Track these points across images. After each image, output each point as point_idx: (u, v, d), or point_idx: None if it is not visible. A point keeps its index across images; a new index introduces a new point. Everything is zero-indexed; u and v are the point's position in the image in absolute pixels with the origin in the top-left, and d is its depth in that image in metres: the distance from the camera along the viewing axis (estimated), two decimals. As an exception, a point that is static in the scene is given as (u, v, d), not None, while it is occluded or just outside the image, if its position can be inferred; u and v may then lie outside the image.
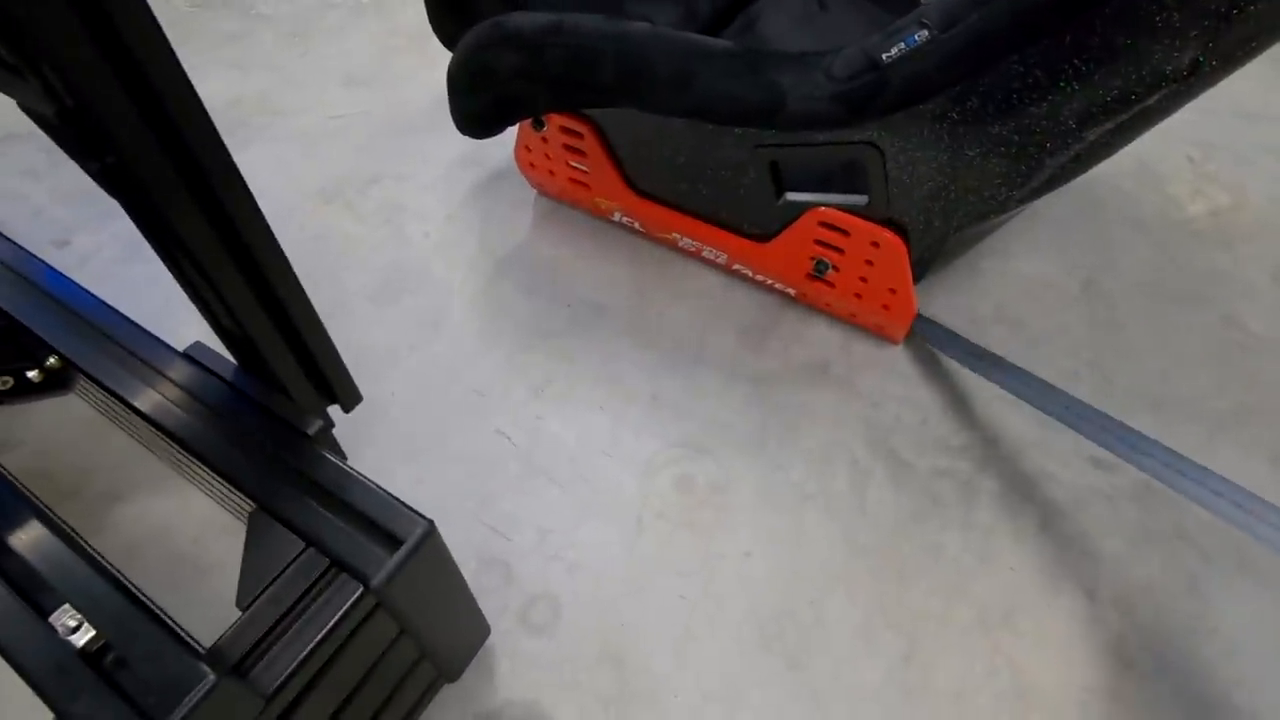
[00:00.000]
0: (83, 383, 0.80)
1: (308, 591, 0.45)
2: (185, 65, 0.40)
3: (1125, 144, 0.65)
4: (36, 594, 0.39)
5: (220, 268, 0.46)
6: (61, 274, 0.66)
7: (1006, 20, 0.55)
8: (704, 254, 0.96)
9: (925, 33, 0.58)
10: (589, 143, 0.91)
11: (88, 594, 0.39)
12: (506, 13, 0.81)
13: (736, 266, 0.94)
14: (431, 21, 0.93)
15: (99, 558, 0.42)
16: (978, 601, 0.69)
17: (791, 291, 0.92)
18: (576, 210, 1.06)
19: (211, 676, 0.36)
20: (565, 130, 0.92)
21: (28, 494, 0.46)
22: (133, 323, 0.60)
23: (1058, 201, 1.00)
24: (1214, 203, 1.05)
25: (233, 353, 0.56)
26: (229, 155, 0.43)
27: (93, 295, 0.63)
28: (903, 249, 0.76)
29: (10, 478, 0.47)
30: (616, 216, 1.00)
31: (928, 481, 0.77)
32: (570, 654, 0.66)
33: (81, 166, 0.43)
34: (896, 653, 0.66)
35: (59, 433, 0.82)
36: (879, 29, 1.09)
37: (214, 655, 0.38)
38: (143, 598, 0.40)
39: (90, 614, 0.38)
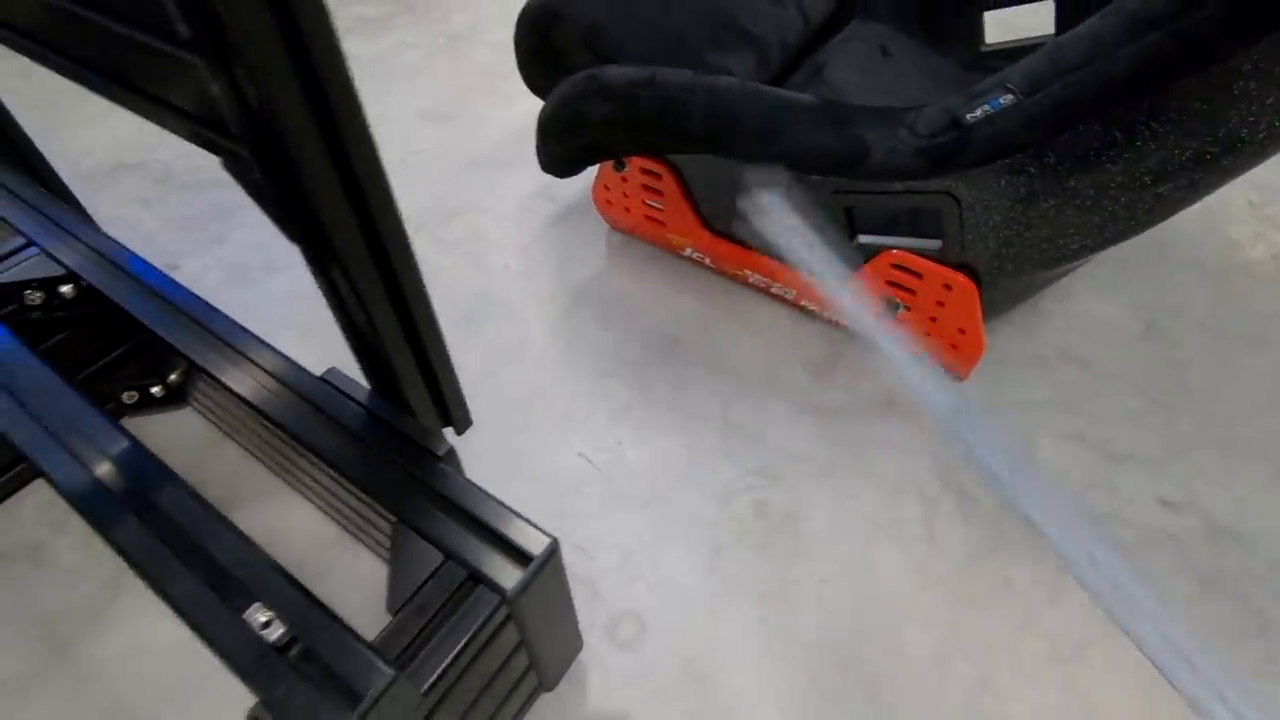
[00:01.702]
0: (200, 398, 0.87)
1: (449, 600, 0.49)
2: None
3: (1199, 199, 0.68)
4: (230, 592, 0.45)
5: (377, 301, 0.52)
6: (201, 298, 0.72)
7: (1089, 90, 0.59)
8: (773, 290, 1.00)
9: (1009, 97, 0.63)
10: (667, 184, 0.97)
11: (273, 592, 0.44)
12: (599, 66, 0.87)
13: (805, 303, 0.98)
14: (522, 72, 1.00)
15: (274, 560, 0.47)
16: (1049, 634, 0.71)
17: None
18: (647, 245, 1.11)
19: (390, 671, 0.41)
20: (645, 172, 0.98)
21: (211, 503, 0.51)
22: (273, 348, 0.66)
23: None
24: (1275, 246, 1.06)
25: (369, 377, 0.61)
26: (395, 202, 0.49)
27: (235, 322, 0.69)
28: (974, 292, 0.80)
29: (195, 489, 0.52)
30: (687, 252, 1.05)
31: (995, 516, 0.80)
32: (655, 670, 0.70)
33: (273, 219, 0.49)
34: (971, 681, 0.69)
35: (176, 444, 0.89)
36: (940, 77, 1.14)
37: (383, 653, 0.43)
38: (317, 598, 0.45)
39: (278, 611, 0.43)
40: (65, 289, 0.75)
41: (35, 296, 0.74)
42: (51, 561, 0.78)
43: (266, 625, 0.43)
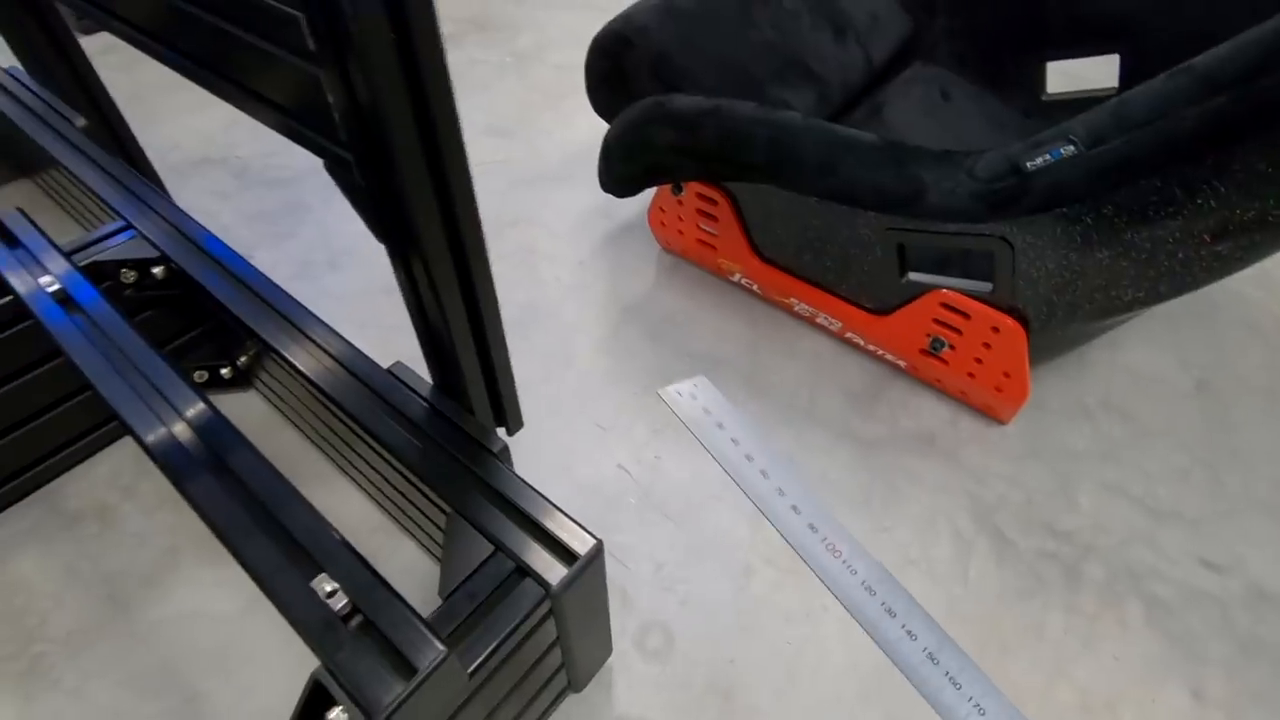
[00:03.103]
0: (265, 382, 0.92)
1: (497, 590, 0.52)
2: None
3: (1259, 260, 0.68)
4: (300, 561, 0.48)
5: (452, 300, 0.55)
6: (280, 288, 0.77)
7: (1153, 146, 0.60)
8: (818, 320, 1.02)
9: (1071, 148, 0.64)
10: (722, 210, 1.00)
11: (339, 565, 0.47)
12: (666, 94, 0.91)
13: (849, 335, 1.00)
14: (591, 94, 1.04)
15: (340, 534, 0.50)
16: (1080, 685, 0.71)
17: (902, 363, 0.96)
18: (697, 268, 1.14)
19: (443, 648, 0.43)
20: (702, 197, 1.01)
21: (283, 476, 0.54)
22: (344, 339, 0.70)
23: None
24: (1336, 315, 1.05)
25: (433, 373, 0.65)
26: (478, 210, 0.52)
27: (311, 312, 0.73)
28: (1023, 336, 0.80)
29: (267, 461, 0.56)
30: (736, 277, 1.08)
31: (1031, 561, 0.80)
32: (681, 682, 0.71)
33: (365, 218, 0.53)
34: (997, 724, 0.68)
35: (240, 423, 0.94)
36: (999, 123, 1.16)
37: (437, 631, 0.45)
38: (379, 574, 0.48)
39: (342, 582, 0.46)
40: (156, 270, 0.80)
41: (129, 275, 0.79)
42: (118, 525, 0.83)
43: (331, 595, 0.46)
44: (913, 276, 0.86)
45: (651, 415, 0.94)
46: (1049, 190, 0.67)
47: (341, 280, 1.16)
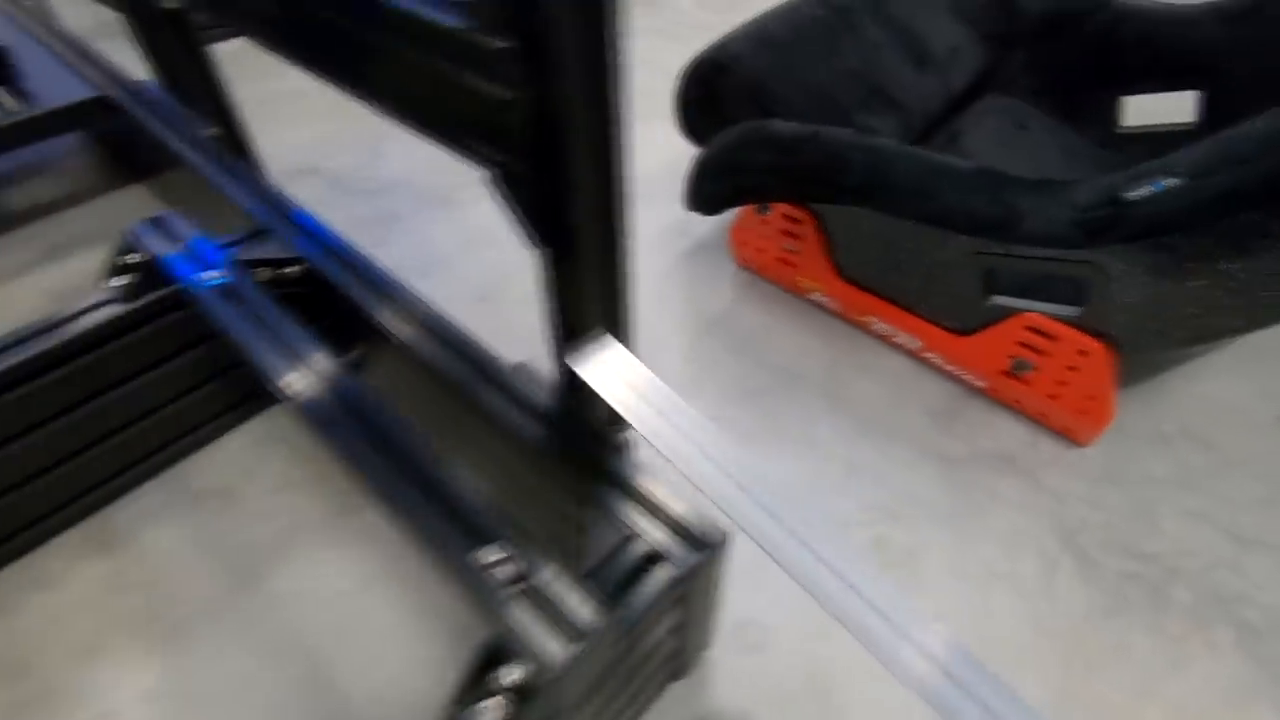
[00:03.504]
0: (377, 374, 0.97)
1: (635, 571, 0.56)
2: None
3: (1356, 294, 0.70)
4: (464, 530, 0.52)
5: (593, 301, 0.60)
6: (407, 287, 0.83)
7: (1257, 182, 0.63)
8: (896, 339, 1.05)
9: (1173, 180, 0.67)
10: (806, 230, 1.04)
11: (502, 535, 0.52)
12: (761, 119, 0.96)
13: (928, 354, 1.03)
14: (682, 117, 1.10)
15: (501, 505, 0.54)
16: (1167, 704, 0.72)
17: (981, 384, 0.99)
18: (772, 285, 1.18)
19: (604, 616, 0.47)
20: (787, 217, 1.05)
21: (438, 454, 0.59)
22: (470, 337, 0.75)
23: (1251, 332, 1.04)
24: None
25: (561, 371, 0.69)
26: (628, 221, 0.57)
27: (440, 311, 0.79)
28: (1111, 361, 0.83)
29: (426, 437, 0.61)
30: (814, 295, 1.12)
31: (1116, 582, 0.81)
32: (778, 675, 0.74)
33: (525, 226, 0.58)
34: (1087, 736, 0.70)
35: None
36: (1075, 153, 1.18)
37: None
38: (539, 545, 0.52)
39: (506, 551, 0.51)
40: (291, 269, 0.86)
41: (266, 273, 0.86)
42: (240, 504, 0.89)
43: (497, 564, 0.50)
44: (998, 300, 0.90)
45: (737, 425, 0.98)
46: (1148, 220, 0.70)
47: (432, 287, 1.22)
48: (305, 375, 0.66)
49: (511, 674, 0.46)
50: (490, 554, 0.50)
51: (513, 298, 1.20)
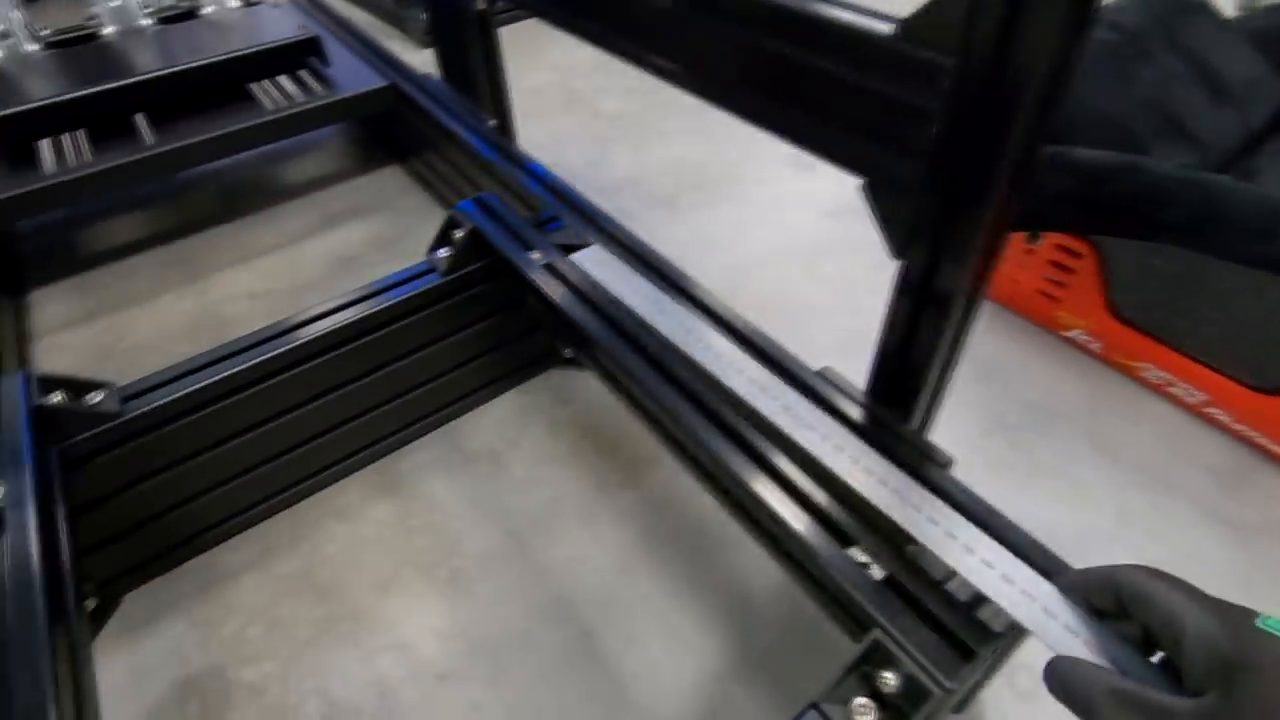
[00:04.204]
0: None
1: (978, 597, 0.54)
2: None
3: None
4: (830, 530, 0.53)
5: (946, 316, 0.59)
6: (700, 284, 0.85)
7: None
8: (1171, 389, 0.97)
9: None
10: (1085, 264, 0.98)
11: (868, 538, 0.52)
12: (1054, 145, 0.91)
13: (1210, 409, 0.94)
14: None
15: (873, 505, 0.55)
16: None
17: (1278, 448, 0.90)
18: (1018, 316, 1.13)
19: (997, 631, 0.47)
20: (1061, 248, 1.00)
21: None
22: (772, 339, 0.77)
23: None
24: None
25: (875, 382, 0.70)
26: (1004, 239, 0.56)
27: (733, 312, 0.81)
28: None
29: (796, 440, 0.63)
30: (1073, 333, 1.06)
31: None
32: (1055, 729, 0.70)
33: (889, 238, 0.58)
34: None
35: (600, 398, 1.05)
36: None
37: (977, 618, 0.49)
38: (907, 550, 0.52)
39: (875, 555, 0.51)
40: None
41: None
42: (505, 470, 0.95)
43: (868, 566, 0.51)
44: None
45: (989, 456, 0.94)
46: None
47: (661, 284, 1.26)
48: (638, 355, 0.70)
49: (890, 681, 0.46)
50: (857, 554, 0.51)
51: (742, 304, 1.21)
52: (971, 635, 0.47)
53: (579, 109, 1.78)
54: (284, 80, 1.35)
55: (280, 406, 0.83)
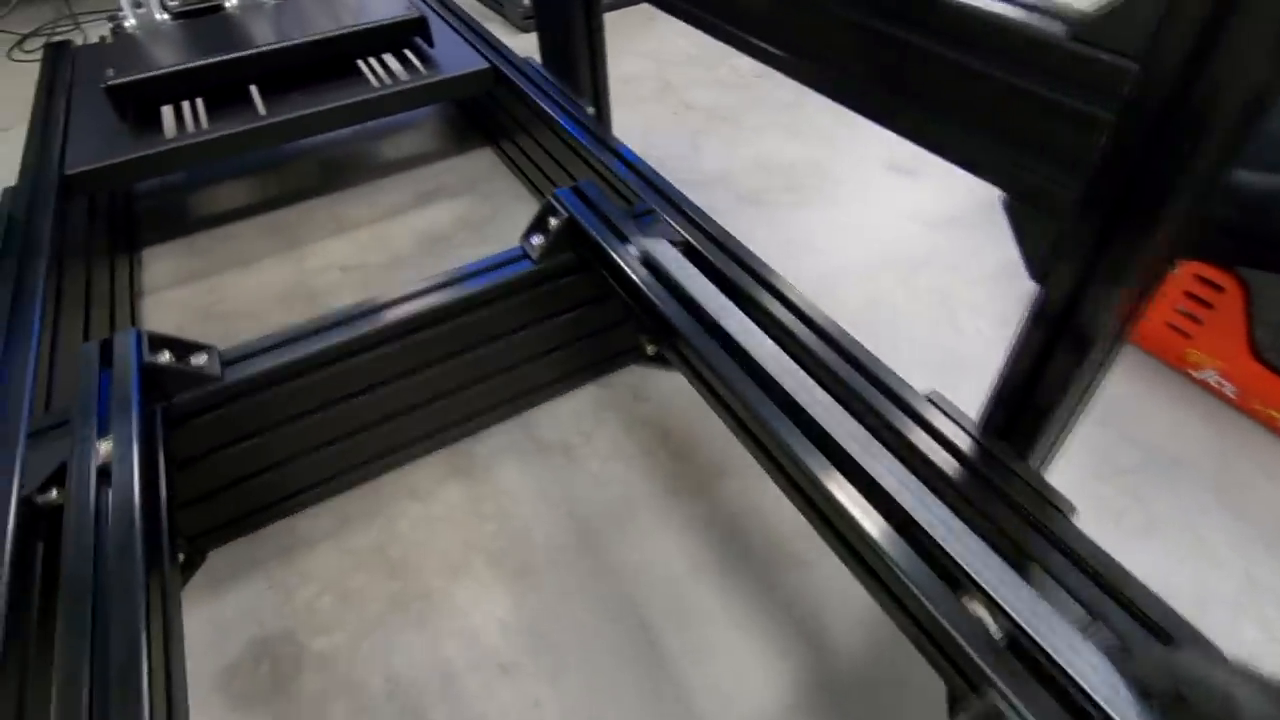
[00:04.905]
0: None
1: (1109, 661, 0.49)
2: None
3: None
4: (944, 573, 0.49)
5: (1085, 353, 0.53)
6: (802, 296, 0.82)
7: None
8: (1318, 444, 0.87)
9: None
10: (1228, 300, 0.89)
11: (990, 581, 0.48)
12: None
13: (1365, 472, 0.84)
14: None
15: (990, 544, 0.50)
16: None
17: None
18: (1140, 351, 1.03)
19: (1136, 703, 0.41)
20: (1200, 280, 0.91)
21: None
22: (874, 355, 0.72)
23: None
24: None
25: (993, 412, 0.64)
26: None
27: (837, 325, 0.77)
28: None
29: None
30: (1205, 374, 0.96)
31: None
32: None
33: (1027, 257, 0.53)
34: None
35: (677, 399, 1.02)
36: None
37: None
38: (1035, 594, 0.47)
39: (992, 604, 0.46)
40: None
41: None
42: (580, 463, 0.94)
43: (981, 616, 0.46)
44: None
45: (1103, 502, 0.87)
46: None
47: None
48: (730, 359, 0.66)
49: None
50: (974, 604, 0.47)
51: (830, 314, 1.16)
52: (1105, 699, 0.42)
53: (670, 100, 1.75)
54: (389, 58, 1.37)
55: (367, 382, 0.84)
